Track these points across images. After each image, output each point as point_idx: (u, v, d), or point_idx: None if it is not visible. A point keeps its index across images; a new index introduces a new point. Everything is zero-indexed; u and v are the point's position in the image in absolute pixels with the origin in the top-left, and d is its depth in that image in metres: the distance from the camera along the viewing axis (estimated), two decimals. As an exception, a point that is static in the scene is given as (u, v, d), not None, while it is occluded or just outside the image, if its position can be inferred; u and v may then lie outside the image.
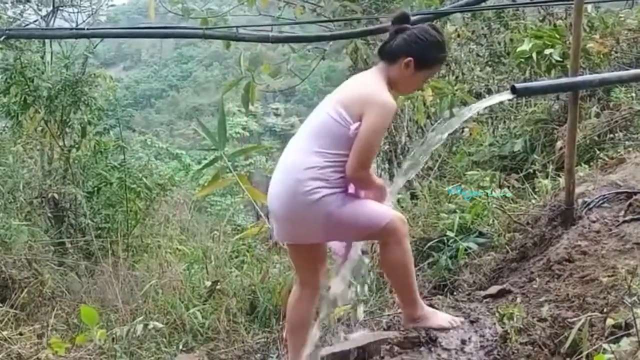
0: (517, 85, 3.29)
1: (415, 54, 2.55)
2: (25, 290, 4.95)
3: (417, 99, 5.87)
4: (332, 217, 2.52)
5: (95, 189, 6.84)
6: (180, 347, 4.12)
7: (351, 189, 2.63)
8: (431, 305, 3.37)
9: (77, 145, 6.93)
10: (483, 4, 5.82)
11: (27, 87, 6.42)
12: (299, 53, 6.33)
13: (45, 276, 5.28)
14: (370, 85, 2.55)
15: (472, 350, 2.81)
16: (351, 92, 2.56)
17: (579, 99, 3.59)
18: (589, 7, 5.55)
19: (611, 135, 4.86)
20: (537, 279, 3.18)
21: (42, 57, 7.29)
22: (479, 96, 6.41)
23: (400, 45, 2.56)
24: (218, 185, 5.22)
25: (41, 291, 5.17)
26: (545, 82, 4.61)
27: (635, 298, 2.25)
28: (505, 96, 3.42)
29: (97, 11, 9.26)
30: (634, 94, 5.16)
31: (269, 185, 2.68)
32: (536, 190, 4.45)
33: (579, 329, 2.34)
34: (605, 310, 2.51)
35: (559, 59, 5.00)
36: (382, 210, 2.62)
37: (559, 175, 4.38)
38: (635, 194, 3.43)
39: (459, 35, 7.45)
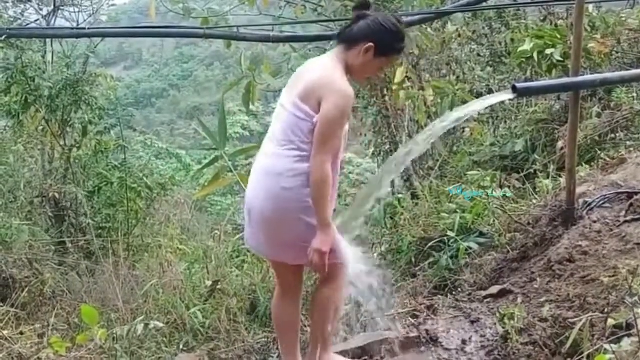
0: (518, 85, 3.29)
1: (377, 40, 2.50)
2: (26, 289, 4.95)
3: (418, 99, 5.87)
4: (312, 229, 2.48)
5: (96, 188, 6.84)
6: (181, 346, 4.12)
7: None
8: (432, 306, 3.38)
9: (78, 145, 6.94)
10: (484, 4, 5.82)
11: (28, 86, 6.41)
12: (300, 53, 6.33)
13: (46, 276, 5.27)
14: (327, 71, 2.49)
15: (472, 350, 2.82)
16: (308, 82, 2.48)
17: (580, 99, 3.59)
18: (590, 7, 5.55)
19: (612, 136, 4.86)
20: (538, 279, 3.18)
21: (43, 57, 7.30)
22: (480, 96, 6.39)
23: (362, 30, 2.52)
24: (219, 185, 5.20)
25: (42, 291, 5.17)
26: (546, 82, 4.61)
27: (636, 298, 2.24)
28: (506, 96, 3.42)
29: (98, 11, 9.28)
30: (635, 94, 5.15)
31: (249, 190, 2.61)
32: (537, 190, 4.45)
33: (580, 329, 2.34)
34: (606, 310, 2.50)
35: (560, 59, 5.00)
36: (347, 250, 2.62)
37: (560, 176, 4.38)
38: (636, 194, 3.43)
39: (460, 35, 7.45)
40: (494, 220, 4.31)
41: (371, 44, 2.50)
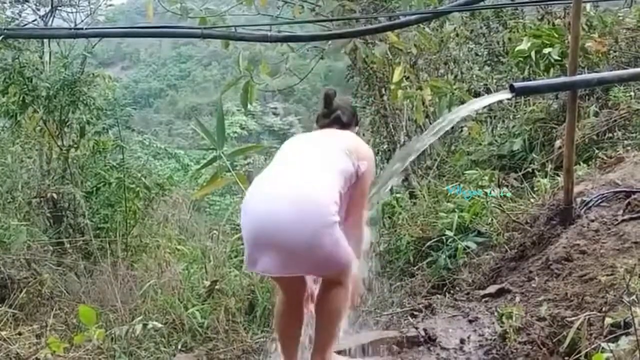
0: (516, 85, 3.29)
1: (357, 121, 3.14)
2: (24, 290, 4.94)
3: (416, 99, 5.87)
4: (338, 244, 2.48)
5: (94, 188, 6.83)
6: (179, 346, 4.13)
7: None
8: (430, 305, 3.38)
9: (75, 145, 6.92)
10: (482, 3, 5.82)
11: (25, 86, 6.40)
12: (297, 52, 6.33)
13: (44, 276, 5.27)
14: (356, 138, 2.91)
15: (471, 349, 2.82)
16: (348, 143, 2.78)
17: (577, 98, 3.59)
18: (588, 6, 5.55)
19: (610, 135, 4.86)
20: (536, 278, 3.18)
21: (41, 57, 7.29)
22: (477, 95, 6.41)
23: (352, 116, 3.08)
24: (217, 185, 5.19)
25: (40, 291, 5.16)
26: (544, 81, 4.62)
27: (633, 297, 2.24)
28: (504, 95, 3.42)
29: (95, 11, 9.29)
30: (632, 93, 5.16)
31: (263, 211, 2.48)
32: (535, 189, 4.46)
33: (578, 328, 2.34)
34: (604, 309, 2.51)
35: (557, 58, 5.00)
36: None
37: (557, 175, 4.38)
38: (634, 193, 3.43)
39: (457, 35, 7.45)
40: (492, 220, 4.32)
41: (357, 126, 3.12)
